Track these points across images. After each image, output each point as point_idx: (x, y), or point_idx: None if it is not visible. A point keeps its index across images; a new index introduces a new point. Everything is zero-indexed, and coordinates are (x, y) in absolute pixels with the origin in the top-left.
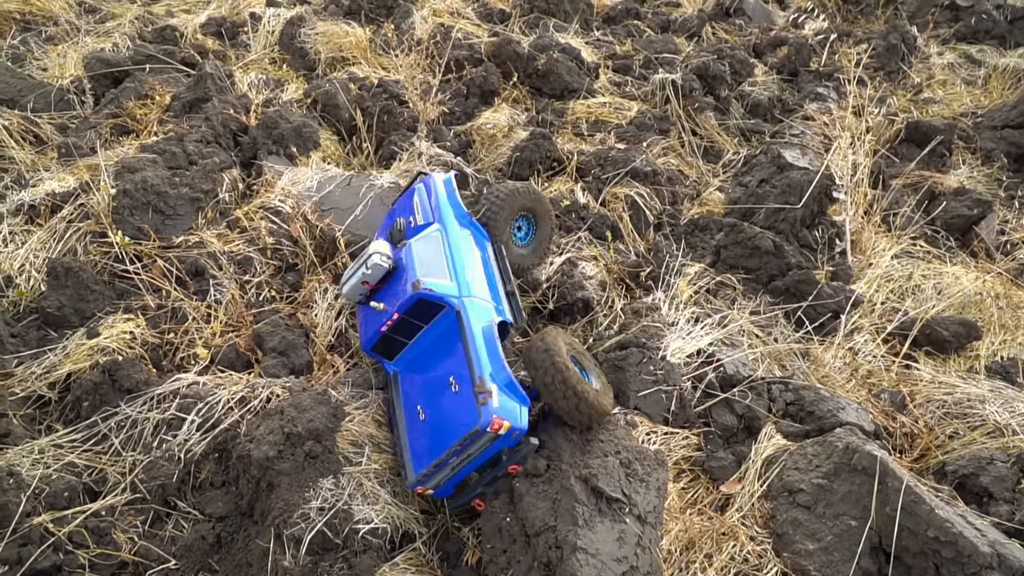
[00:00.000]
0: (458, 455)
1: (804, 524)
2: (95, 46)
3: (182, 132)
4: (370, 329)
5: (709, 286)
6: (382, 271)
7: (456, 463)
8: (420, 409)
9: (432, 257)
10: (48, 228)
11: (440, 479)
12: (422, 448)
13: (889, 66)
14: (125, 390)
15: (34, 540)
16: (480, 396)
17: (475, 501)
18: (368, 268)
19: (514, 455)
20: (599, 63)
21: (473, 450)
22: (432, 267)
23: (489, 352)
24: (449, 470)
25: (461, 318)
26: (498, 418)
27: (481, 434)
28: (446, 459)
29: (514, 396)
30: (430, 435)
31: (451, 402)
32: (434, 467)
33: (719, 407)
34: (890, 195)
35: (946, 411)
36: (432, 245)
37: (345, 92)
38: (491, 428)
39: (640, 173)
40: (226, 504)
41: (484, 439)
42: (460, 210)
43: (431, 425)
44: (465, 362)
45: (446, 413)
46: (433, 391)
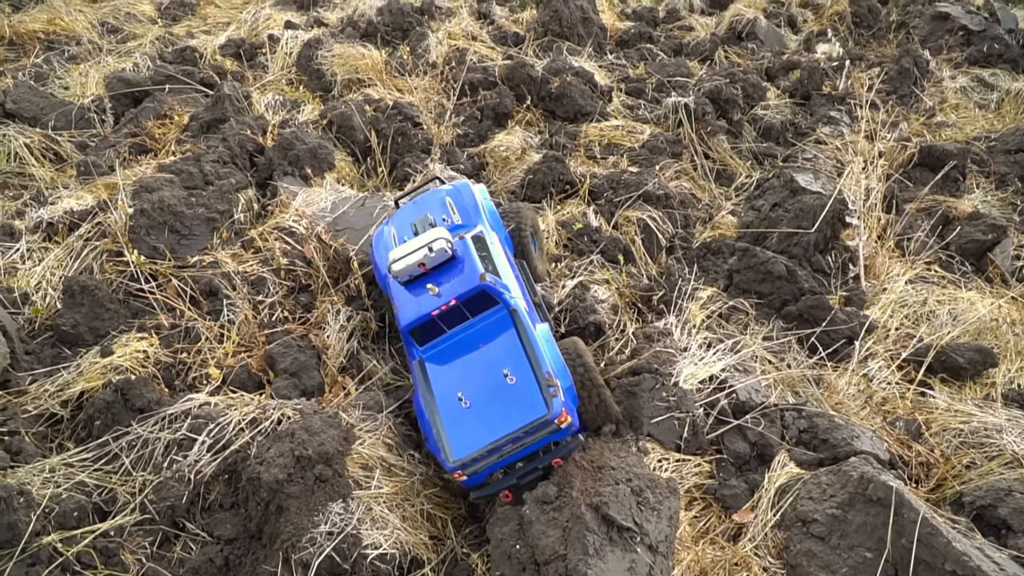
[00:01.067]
0: (514, 442)
1: (818, 555)
2: (116, 66)
3: (199, 152)
4: (415, 311)
5: (721, 311)
6: (444, 256)
7: (509, 450)
8: (462, 396)
9: (483, 254)
10: (65, 246)
11: (482, 466)
12: (467, 433)
13: (902, 90)
14: (137, 409)
15: (42, 560)
16: (551, 389)
17: (504, 493)
18: (432, 251)
19: (560, 448)
20: (612, 86)
21: (529, 439)
22: (487, 264)
23: (550, 350)
24: (497, 457)
25: (517, 316)
26: (565, 411)
27: (547, 424)
28: (501, 445)
29: (571, 397)
30: (479, 421)
31: (508, 392)
32: (486, 451)
33: (732, 434)
34: (904, 220)
35: (963, 440)
36: (481, 246)
37: (360, 114)
38: (558, 420)
39: (652, 196)
40: (235, 527)
41: (546, 429)
42: (497, 220)
43: (479, 411)
44: (523, 356)
45: (501, 401)
46: (481, 381)
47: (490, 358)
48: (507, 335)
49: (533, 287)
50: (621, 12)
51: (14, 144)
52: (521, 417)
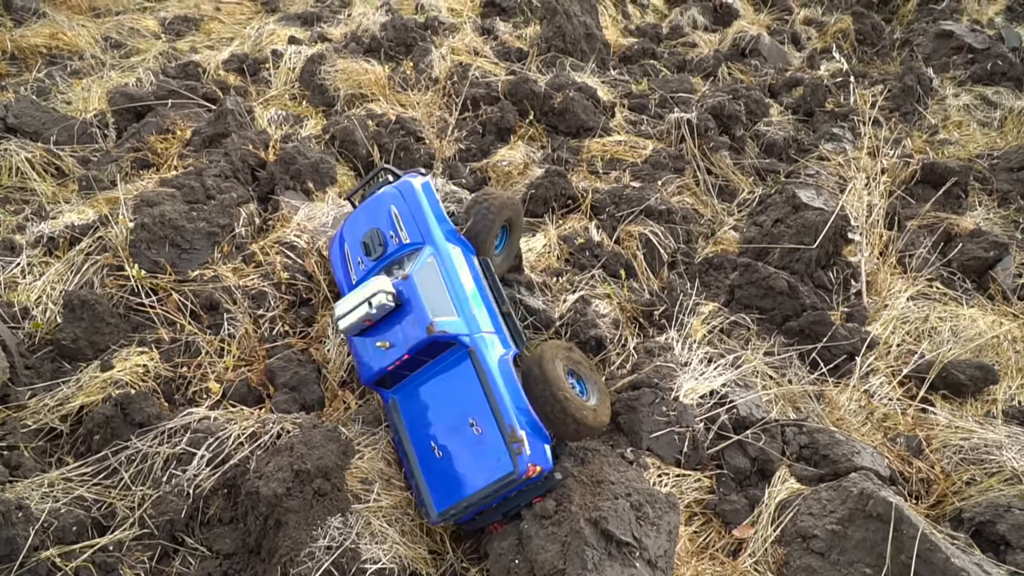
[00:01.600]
0: (487, 496)
1: (818, 571)
2: (119, 80)
3: (201, 167)
4: (372, 364)
5: (723, 326)
6: (387, 310)
7: (482, 496)
8: (435, 446)
9: (435, 290)
10: (66, 260)
11: (460, 511)
12: (443, 486)
13: (905, 107)
14: (137, 424)
15: (41, 574)
16: (514, 446)
17: (492, 527)
18: (373, 308)
19: (539, 489)
20: (615, 102)
21: (503, 489)
22: (438, 303)
23: (510, 391)
24: (476, 501)
25: (475, 357)
26: (532, 465)
27: (515, 480)
28: (475, 500)
29: (538, 436)
30: (452, 475)
31: (475, 445)
32: (463, 506)
33: (732, 449)
34: (906, 236)
35: (963, 456)
36: (432, 276)
37: (363, 128)
38: (526, 475)
39: (655, 211)
40: (234, 541)
41: (516, 482)
42: (447, 224)
43: (452, 465)
44: (486, 404)
45: (469, 454)
46: (449, 430)
47: (456, 404)
48: (468, 378)
49: (501, 295)
50: (625, 28)
51: (15, 159)
52: (489, 474)
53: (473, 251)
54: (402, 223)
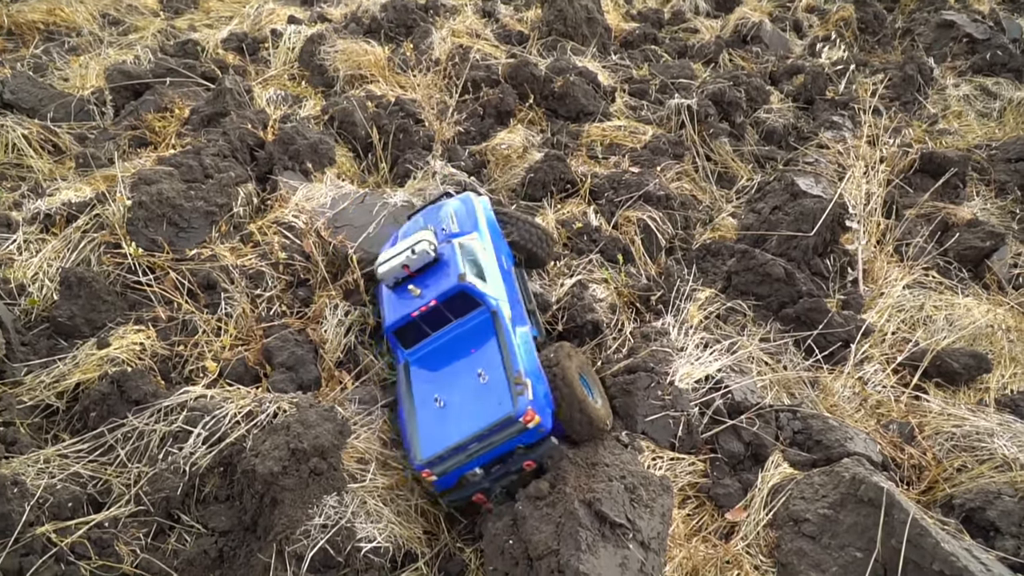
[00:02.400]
0: (480, 441)
1: (809, 554)
2: (117, 58)
3: (199, 146)
4: (398, 312)
5: (719, 312)
6: (427, 259)
7: (475, 449)
8: (437, 398)
9: (472, 258)
10: (63, 237)
11: (451, 465)
12: (437, 432)
13: (905, 96)
14: (133, 401)
15: (36, 550)
16: (518, 387)
17: (477, 496)
18: (414, 253)
19: (532, 451)
20: (615, 87)
21: (496, 439)
22: (472, 267)
23: (527, 353)
24: (464, 456)
25: (498, 318)
26: (532, 410)
27: (512, 422)
28: (467, 443)
29: (544, 395)
30: (450, 421)
31: (479, 391)
32: (452, 450)
33: (726, 434)
34: (903, 225)
35: (955, 444)
36: (472, 248)
37: (362, 110)
38: (524, 418)
39: (653, 197)
40: (229, 519)
41: (513, 428)
42: (496, 229)
43: (451, 411)
44: (499, 357)
45: (471, 400)
46: (457, 382)
47: (469, 360)
48: (487, 337)
49: (529, 296)
50: (626, 13)
51: (12, 135)
52: (488, 415)
53: (513, 259)
54: (455, 220)
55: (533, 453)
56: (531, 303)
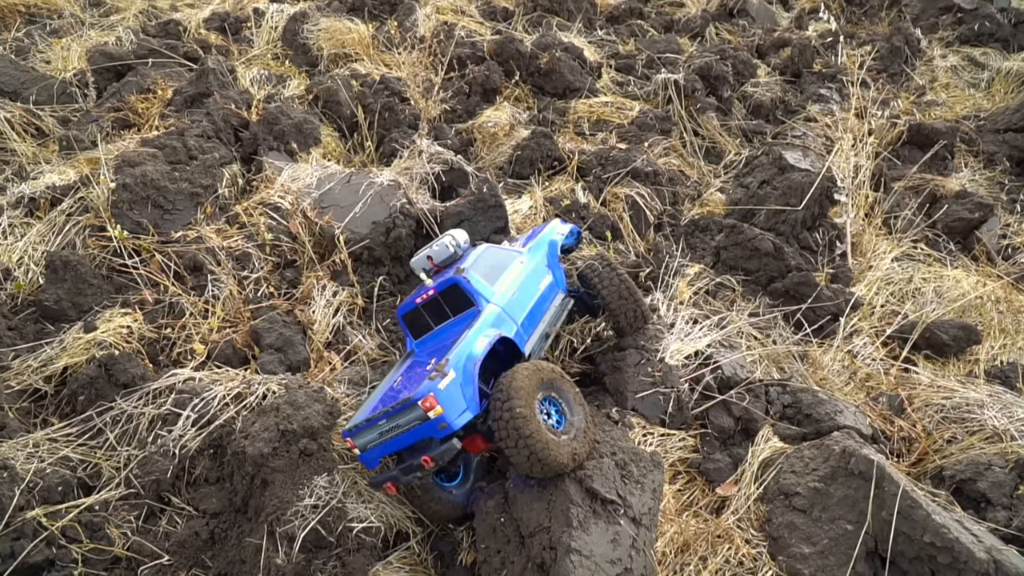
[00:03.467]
0: (387, 419)
1: (800, 528)
2: (99, 40)
3: (183, 127)
4: (410, 298)
5: (708, 287)
6: (446, 253)
7: (385, 428)
8: (398, 379)
9: (494, 263)
10: (47, 221)
11: (367, 441)
12: (366, 407)
13: (892, 68)
14: (121, 385)
15: (27, 534)
16: (433, 372)
17: (387, 484)
18: (436, 246)
19: (432, 447)
20: (602, 63)
21: (401, 422)
22: (486, 270)
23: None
24: (376, 434)
25: (479, 316)
26: (432, 397)
27: (410, 405)
28: (377, 418)
29: (467, 397)
30: (382, 399)
31: (418, 376)
32: (365, 422)
33: (716, 409)
34: (891, 198)
35: (944, 415)
36: (503, 257)
37: (347, 89)
38: (422, 403)
39: (641, 173)
40: (220, 500)
41: (413, 414)
42: (554, 254)
43: (390, 392)
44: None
45: (409, 384)
46: (417, 368)
47: (439, 350)
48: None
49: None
50: None
51: None
52: (402, 395)
53: (564, 288)
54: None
55: (433, 449)
56: (553, 328)
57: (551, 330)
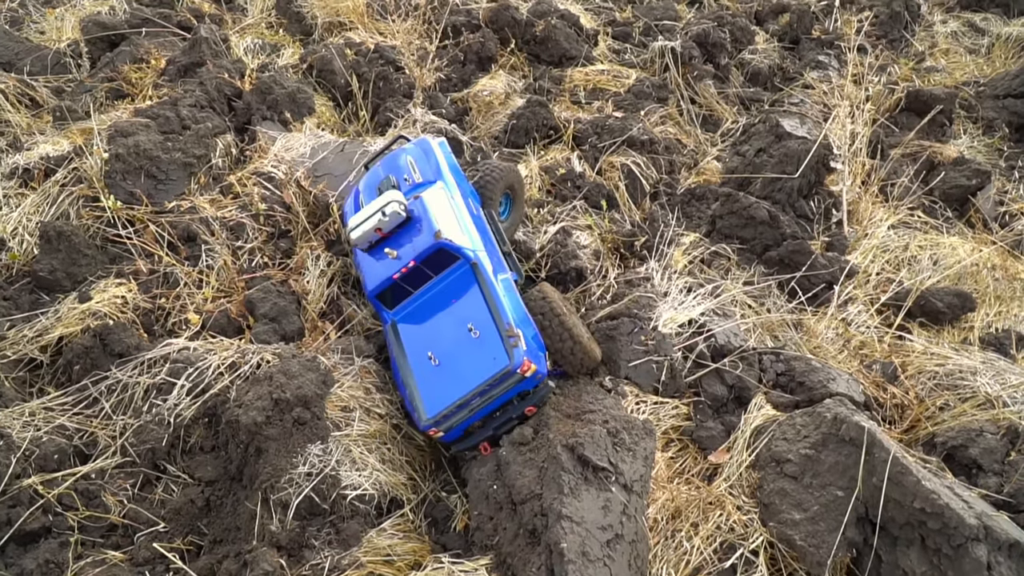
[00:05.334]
0: (482, 395)
1: (791, 494)
2: (92, 9)
3: (176, 96)
4: (377, 276)
5: (703, 256)
6: (399, 219)
7: (478, 404)
8: (431, 355)
9: (443, 211)
10: (41, 191)
11: (455, 421)
12: (438, 391)
13: (892, 34)
14: (116, 354)
15: (23, 502)
16: (511, 339)
17: (481, 445)
18: (385, 215)
19: (532, 396)
20: (598, 30)
21: (496, 391)
22: (446, 221)
23: (511, 301)
24: (467, 411)
25: (478, 269)
26: (527, 360)
27: (510, 375)
28: (469, 399)
29: (535, 342)
30: (447, 378)
31: (472, 346)
32: (455, 407)
33: (709, 377)
34: (888, 165)
35: (937, 382)
36: (441, 200)
37: (341, 58)
38: (520, 369)
39: (637, 142)
40: (215, 468)
41: (511, 380)
42: (460, 174)
43: (447, 369)
44: (485, 310)
45: (466, 356)
46: (447, 337)
47: (456, 314)
48: (470, 289)
49: (503, 237)
50: None
51: None
52: (485, 370)
53: (480, 201)
54: (417, 169)
55: (533, 398)
56: (505, 245)
57: (506, 248)
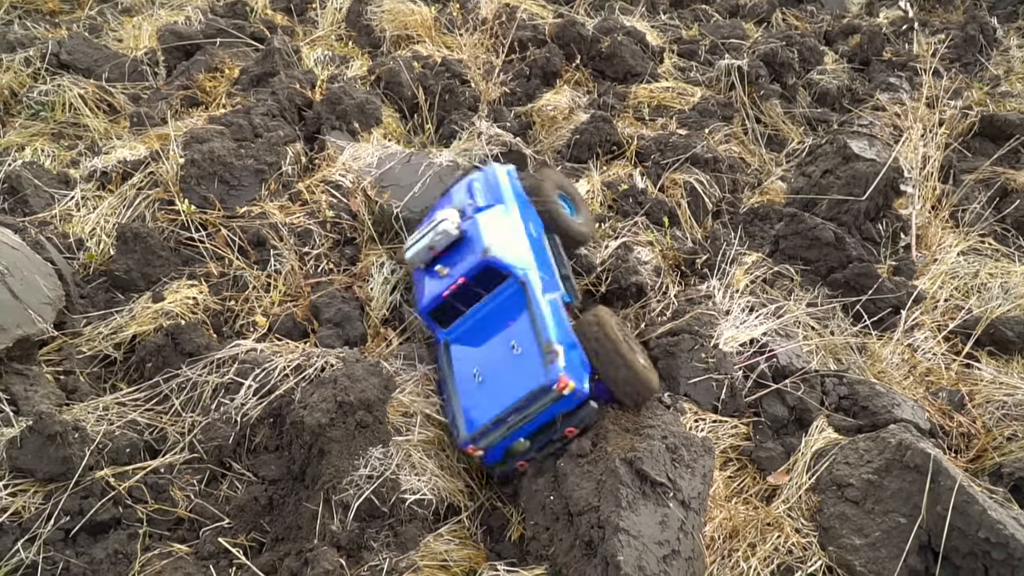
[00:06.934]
0: (518, 412)
1: (852, 519)
2: (169, 19)
3: (249, 105)
4: (429, 293)
5: (766, 276)
6: (450, 238)
7: (514, 421)
8: (476, 373)
9: (496, 230)
10: (118, 194)
11: (493, 439)
12: (478, 408)
13: (966, 58)
14: (187, 353)
15: (95, 493)
16: (548, 355)
17: (520, 463)
18: (437, 234)
19: (572, 417)
20: (664, 47)
21: (533, 409)
22: (497, 239)
23: (555, 319)
24: (505, 429)
25: (526, 288)
26: (565, 376)
27: (547, 391)
28: (505, 416)
29: (578, 360)
30: (488, 395)
31: (513, 363)
32: (492, 424)
33: (770, 398)
34: (960, 191)
35: (1006, 412)
36: (496, 220)
37: (408, 70)
38: (557, 386)
39: (701, 160)
40: (279, 468)
41: (548, 397)
42: (522, 198)
43: (488, 386)
44: (530, 328)
45: (506, 373)
46: (492, 356)
47: (504, 333)
48: (519, 307)
49: (562, 259)
50: None
51: (69, 95)
52: (522, 387)
53: (543, 225)
54: (480, 194)
55: (573, 419)
56: (564, 267)
57: (566, 271)
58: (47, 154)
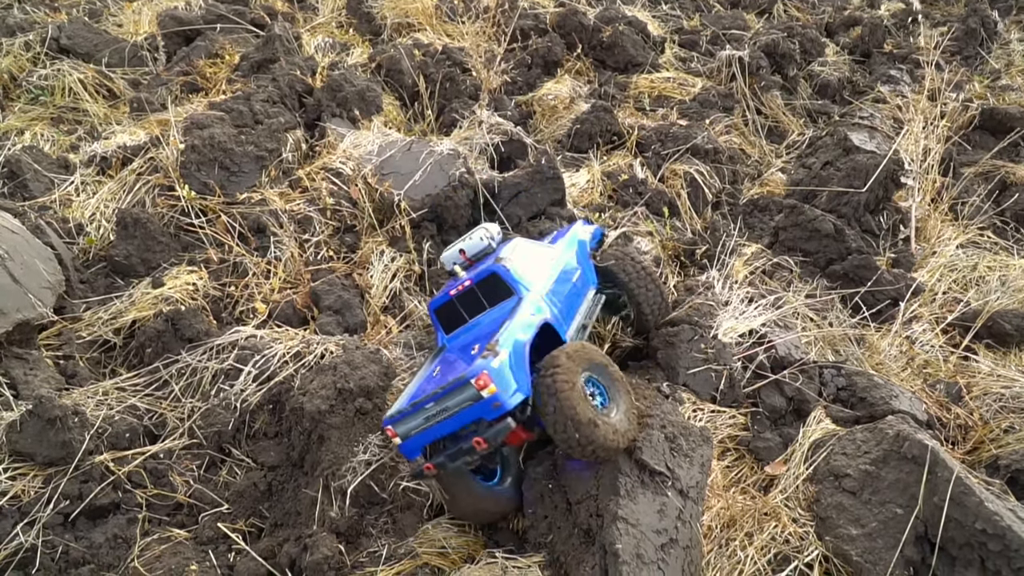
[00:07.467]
0: (436, 401)
1: (849, 509)
2: (169, 4)
3: (249, 91)
4: (442, 291)
5: (765, 267)
6: (480, 247)
7: (432, 412)
8: (438, 369)
9: (529, 255)
10: (118, 180)
11: (412, 427)
12: (408, 395)
13: (967, 51)
14: (186, 339)
15: (95, 477)
16: (487, 352)
17: (426, 465)
18: (470, 239)
19: (487, 429)
20: (665, 37)
21: (451, 404)
22: (522, 261)
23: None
24: (423, 419)
25: (521, 304)
26: (486, 375)
27: (463, 384)
28: (423, 402)
29: (518, 376)
30: (424, 385)
31: (464, 360)
32: (410, 407)
33: (768, 388)
34: (960, 184)
35: (1003, 405)
36: (537, 251)
37: (409, 58)
38: (476, 381)
39: (701, 150)
40: (278, 454)
41: (466, 394)
42: (584, 252)
43: (433, 379)
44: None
45: (453, 370)
46: (460, 354)
47: (480, 337)
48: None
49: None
50: None
51: (68, 79)
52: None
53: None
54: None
55: (487, 431)
56: (588, 320)
57: (587, 323)
58: (47, 139)
